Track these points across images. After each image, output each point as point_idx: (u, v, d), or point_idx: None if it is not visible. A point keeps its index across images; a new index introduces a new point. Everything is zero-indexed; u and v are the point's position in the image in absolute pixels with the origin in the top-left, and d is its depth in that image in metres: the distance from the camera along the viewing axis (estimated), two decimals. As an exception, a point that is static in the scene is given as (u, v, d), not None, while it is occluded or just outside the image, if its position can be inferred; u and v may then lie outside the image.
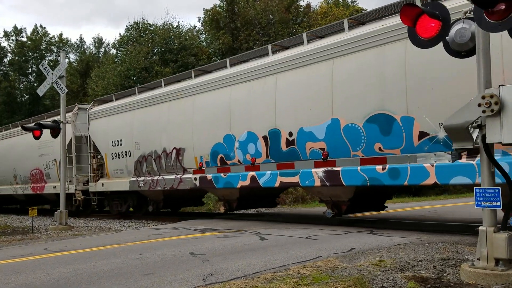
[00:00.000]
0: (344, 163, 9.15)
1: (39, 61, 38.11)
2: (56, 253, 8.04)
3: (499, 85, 4.66)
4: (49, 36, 46.20)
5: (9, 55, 45.49)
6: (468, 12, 5.24)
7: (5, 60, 45.45)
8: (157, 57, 30.27)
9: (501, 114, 4.60)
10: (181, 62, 28.81)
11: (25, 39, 45.31)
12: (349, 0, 38.55)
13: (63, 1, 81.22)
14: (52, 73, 14.31)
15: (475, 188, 4.92)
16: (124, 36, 35.66)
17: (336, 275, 5.11)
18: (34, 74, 44.67)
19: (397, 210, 14.66)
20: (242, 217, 14.10)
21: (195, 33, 35.03)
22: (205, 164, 12.24)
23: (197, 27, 37.83)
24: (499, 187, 4.82)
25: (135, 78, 29.63)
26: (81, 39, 54.10)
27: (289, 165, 10.21)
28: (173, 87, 13.54)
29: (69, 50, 48.36)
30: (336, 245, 7.29)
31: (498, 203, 4.74)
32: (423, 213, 13.52)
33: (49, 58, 44.26)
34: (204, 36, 35.74)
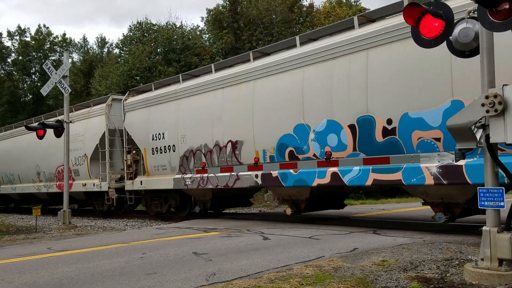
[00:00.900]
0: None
1: (43, 61, 38.15)
2: (59, 252, 8.06)
3: (503, 85, 4.65)
4: (53, 36, 46.37)
5: (13, 55, 45.65)
6: (472, 11, 5.23)
7: (9, 60, 45.63)
8: (160, 57, 30.29)
9: (505, 114, 4.59)
10: (184, 61, 28.83)
11: (28, 39, 45.50)
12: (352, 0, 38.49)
13: (65, 0, 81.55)
14: (55, 73, 14.38)
15: (478, 188, 4.90)
16: (127, 36, 35.73)
17: (339, 275, 5.11)
18: (37, 74, 44.78)
19: (400, 210, 14.64)
20: (244, 217, 14.11)
21: (198, 33, 35.07)
22: (269, 158, 10.72)
23: (200, 27, 37.92)
24: (503, 187, 4.80)
25: (138, 77, 29.68)
26: (85, 39, 54.09)
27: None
28: (227, 72, 12.14)
29: (73, 50, 48.47)
30: (339, 245, 7.29)
31: (501, 203, 4.73)
32: (427, 213, 13.47)
33: (53, 58, 44.29)
34: (207, 36, 35.78)
